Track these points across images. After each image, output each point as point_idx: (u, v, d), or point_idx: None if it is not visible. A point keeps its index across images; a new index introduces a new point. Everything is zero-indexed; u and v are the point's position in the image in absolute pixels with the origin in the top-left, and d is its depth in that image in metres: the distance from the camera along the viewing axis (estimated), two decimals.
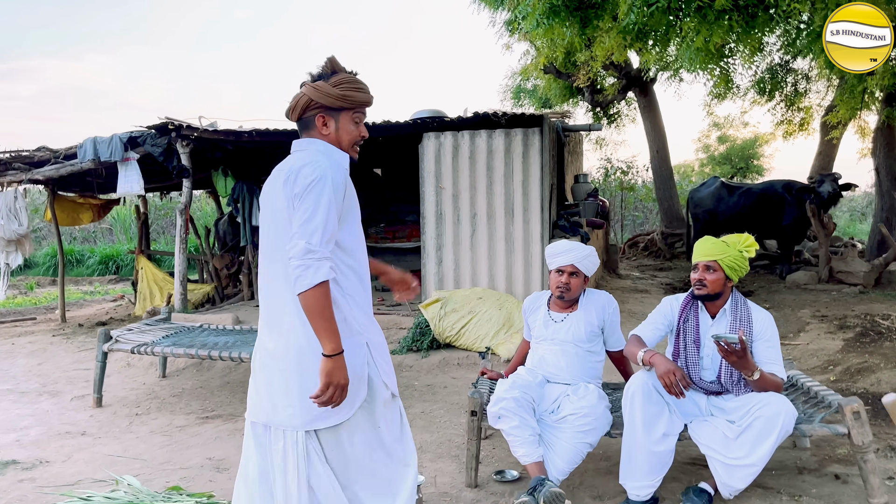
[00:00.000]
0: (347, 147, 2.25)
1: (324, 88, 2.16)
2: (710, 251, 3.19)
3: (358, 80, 2.22)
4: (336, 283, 2.11)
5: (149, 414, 4.99)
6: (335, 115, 2.20)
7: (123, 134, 7.60)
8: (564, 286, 3.54)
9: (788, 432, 2.99)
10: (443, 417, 4.61)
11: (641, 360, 3.13)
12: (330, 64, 2.21)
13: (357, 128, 2.25)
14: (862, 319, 6.36)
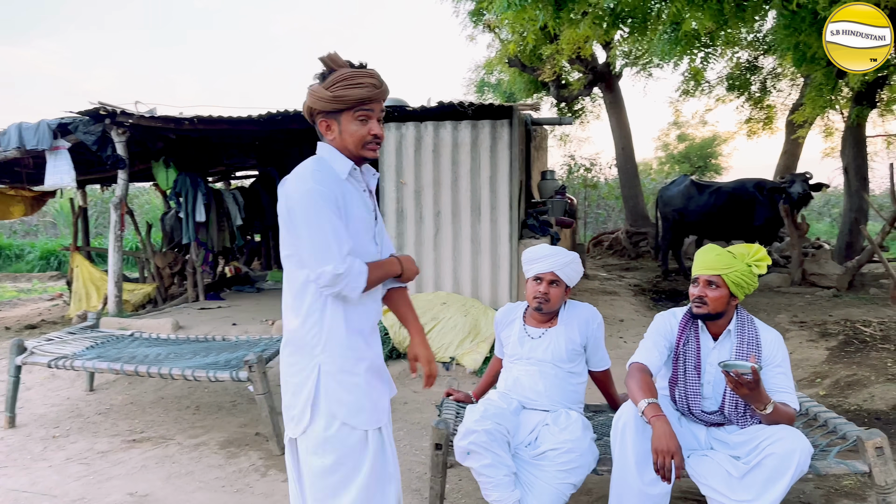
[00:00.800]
0: (356, 149, 2.05)
1: (318, 92, 2.01)
2: (713, 264, 2.75)
3: (355, 75, 1.99)
4: (320, 298, 2.04)
5: (68, 436, 4.39)
6: (336, 117, 2.04)
7: (52, 120, 6.91)
8: (543, 297, 3.07)
9: (804, 472, 2.57)
10: (403, 440, 4.12)
11: (643, 412, 2.61)
12: (326, 63, 2.02)
13: (363, 126, 2.03)
14: (843, 326, 6.07)
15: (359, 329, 2.09)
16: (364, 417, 2.08)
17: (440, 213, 6.22)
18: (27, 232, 20.50)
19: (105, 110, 6.43)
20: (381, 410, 2.14)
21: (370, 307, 2.15)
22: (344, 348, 2.06)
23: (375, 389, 2.12)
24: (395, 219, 6.32)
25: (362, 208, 2.07)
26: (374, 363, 2.14)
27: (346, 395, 2.06)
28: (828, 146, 14.30)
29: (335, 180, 2.01)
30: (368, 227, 2.10)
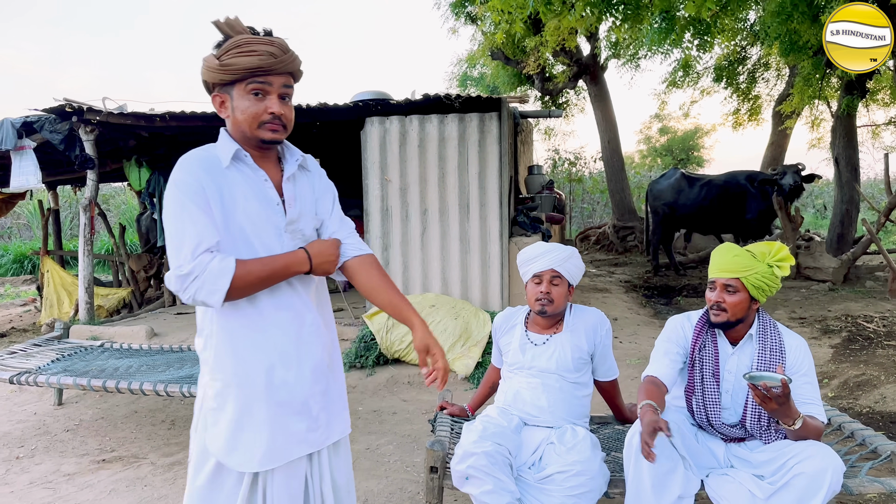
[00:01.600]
0: (250, 128, 1.73)
1: (208, 61, 1.72)
2: (731, 266, 2.50)
3: (249, 41, 1.68)
4: (209, 312, 1.77)
5: (33, 457, 4.08)
6: (229, 90, 1.74)
7: (17, 119, 6.55)
8: (546, 297, 2.81)
9: (836, 492, 2.34)
10: (392, 455, 3.86)
11: (640, 407, 2.39)
12: (222, 28, 1.72)
13: (258, 102, 1.72)
14: (844, 322, 5.89)
15: (253, 348, 1.75)
16: (238, 457, 1.75)
17: (427, 210, 5.95)
18: (0, 235, 19.95)
19: (71, 107, 6.09)
20: (274, 450, 1.77)
21: (273, 318, 1.77)
22: (227, 373, 1.76)
23: (266, 424, 1.76)
24: (380, 217, 6.04)
25: (254, 200, 1.74)
26: (270, 391, 1.77)
27: (216, 427, 1.77)
28: (814, 137, 14.21)
29: (209, 169, 1.70)
30: (267, 220, 1.76)
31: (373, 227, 6.06)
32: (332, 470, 1.90)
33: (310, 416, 1.82)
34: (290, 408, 1.79)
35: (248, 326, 1.75)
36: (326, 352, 1.88)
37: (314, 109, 5.94)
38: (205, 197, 1.66)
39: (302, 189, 1.87)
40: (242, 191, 1.73)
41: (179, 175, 1.68)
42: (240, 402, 1.75)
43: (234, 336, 1.75)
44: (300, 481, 1.82)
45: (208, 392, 1.80)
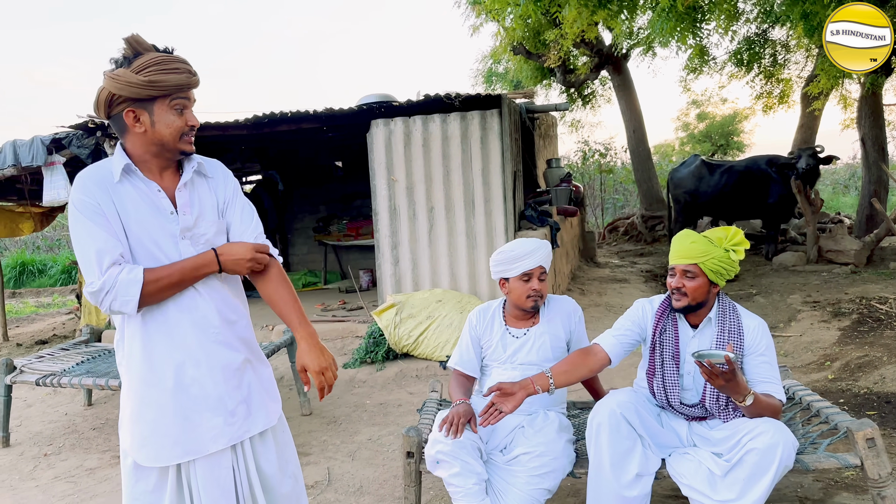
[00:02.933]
0: (173, 141, 1.85)
1: (124, 77, 1.76)
2: (689, 252, 2.57)
3: (169, 59, 1.79)
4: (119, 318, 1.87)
5: (60, 454, 4.36)
6: (148, 106, 1.80)
7: (46, 136, 6.90)
8: (537, 294, 2.90)
9: (789, 467, 2.41)
10: (392, 445, 4.02)
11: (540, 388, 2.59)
12: (132, 45, 1.79)
13: (181, 116, 1.84)
14: (857, 304, 5.83)
15: (163, 348, 1.85)
16: (147, 452, 1.85)
17: (433, 208, 6.09)
18: (50, 247, 20.78)
19: (94, 123, 6.40)
20: (187, 444, 1.87)
21: (177, 319, 1.86)
22: (136, 372, 1.86)
23: (177, 420, 1.86)
24: (389, 216, 6.21)
25: (146, 211, 1.83)
26: (179, 389, 1.86)
27: (128, 425, 1.88)
28: (847, 117, 13.88)
29: (101, 184, 1.79)
30: (162, 229, 1.85)
31: (382, 226, 6.23)
32: (258, 458, 2.00)
33: (226, 411, 1.90)
34: (204, 403, 1.88)
35: (156, 329, 1.85)
36: (238, 350, 1.97)
37: (322, 115, 6.14)
38: (101, 212, 1.76)
39: (200, 195, 1.93)
40: (134, 203, 1.82)
41: (75, 195, 1.79)
42: (148, 399, 1.86)
43: (144, 338, 1.85)
44: (227, 472, 1.92)
45: (122, 392, 1.94)
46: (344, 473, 3.65)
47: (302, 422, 4.55)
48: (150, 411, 1.86)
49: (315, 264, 10.16)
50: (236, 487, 1.95)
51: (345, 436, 4.24)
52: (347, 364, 5.52)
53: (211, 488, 1.88)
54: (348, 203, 10.03)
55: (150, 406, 1.86)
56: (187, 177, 1.91)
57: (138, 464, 1.88)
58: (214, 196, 1.97)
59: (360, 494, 3.37)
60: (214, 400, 1.90)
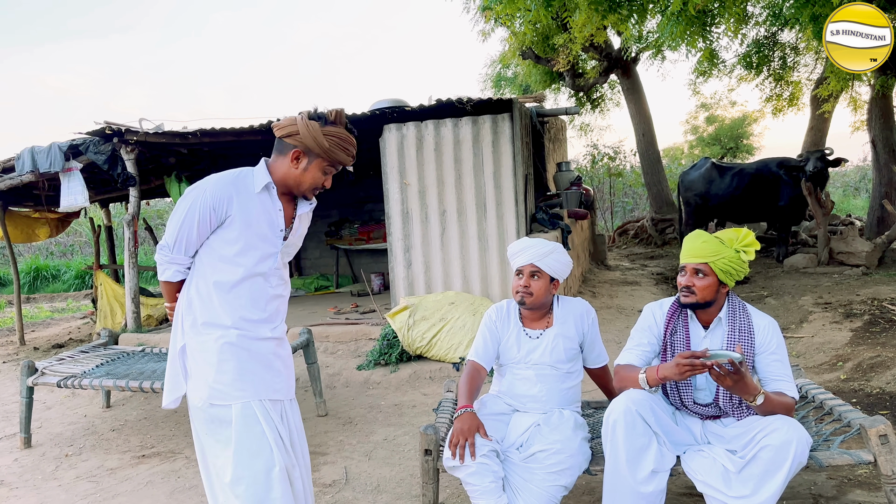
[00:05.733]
0: (306, 189, 2.30)
1: (314, 131, 2.19)
2: (700, 251, 2.62)
3: (348, 140, 2.25)
4: (193, 290, 2.30)
5: (80, 455, 4.43)
6: (311, 157, 2.24)
7: (63, 143, 7.00)
8: (524, 290, 2.94)
9: (802, 463, 2.45)
10: (407, 445, 4.07)
11: (648, 384, 2.60)
12: (335, 115, 2.24)
13: (323, 177, 2.29)
14: (869, 305, 5.84)
15: (234, 323, 2.29)
16: (206, 393, 2.26)
17: (445, 211, 6.15)
18: (63, 252, 20.96)
19: (111, 129, 6.50)
20: (250, 386, 2.27)
21: (233, 309, 2.29)
22: (230, 336, 2.28)
23: (239, 366, 2.26)
24: (401, 220, 6.27)
25: (265, 223, 2.28)
26: (236, 341, 2.27)
27: (200, 373, 2.27)
28: (857, 119, 13.86)
29: (240, 187, 2.24)
30: (270, 240, 2.31)
31: (394, 230, 6.29)
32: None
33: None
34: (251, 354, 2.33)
35: (222, 306, 2.33)
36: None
37: None
38: (210, 210, 2.21)
39: (303, 224, 2.45)
40: (258, 213, 2.26)
41: (217, 190, 2.21)
42: (207, 348, 2.33)
43: (215, 310, 2.33)
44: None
45: (185, 345, 2.38)
46: (361, 473, 3.70)
47: (318, 422, 4.61)
48: (214, 366, 2.33)
49: (327, 268, 10.24)
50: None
51: (361, 436, 4.30)
52: (361, 366, 5.58)
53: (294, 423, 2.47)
54: (360, 207, 10.11)
55: (214, 363, 2.33)
56: (303, 210, 2.40)
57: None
58: (306, 228, 2.50)
59: (377, 493, 3.43)
60: (266, 361, 2.38)
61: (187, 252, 2.29)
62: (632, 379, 2.66)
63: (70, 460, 4.34)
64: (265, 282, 2.32)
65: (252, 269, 2.27)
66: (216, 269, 2.27)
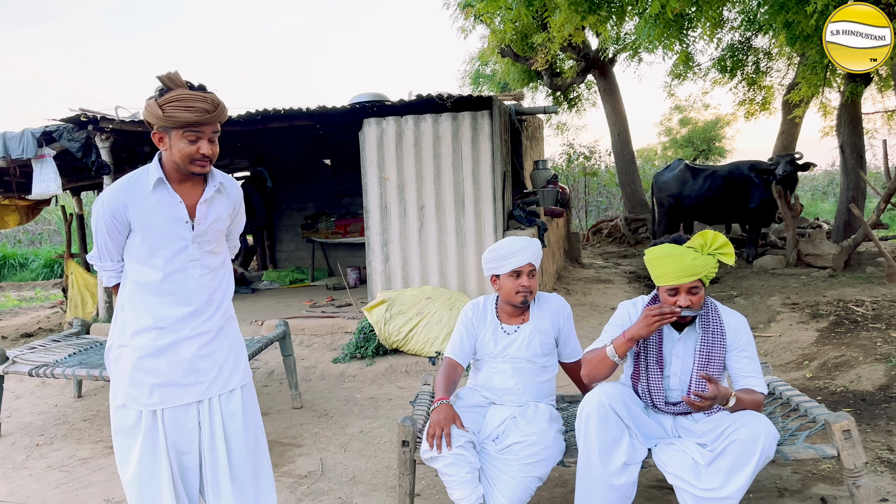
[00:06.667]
0: (184, 164, 2.18)
1: (152, 108, 2.13)
2: (692, 270, 2.58)
3: (188, 98, 2.10)
4: (123, 289, 2.33)
5: (51, 444, 4.39)
6: (168, 132, 2.15)
7: (36, 129, 6.90)
8: (526, 290, 3.00)
9: (770, 457, 2.53)
10: (383, 438, 4.10)
11: (616, 353, 2.65)
12: (165, 81, 2.14)
13: (192, 146, 2.15)
14: (835, 306, 6.00)
15: (155, 320, 2.28)
16: (135, 396, 2.27)
17: (424, 207, 6.18)
18: (31, 241, 20.61)
19: (87, 117, 6.42)
20: (156, 394, 2.27)
21: (156, 306, 2.29)
22: (157, 333, 2.28)
23: (147, 373, 2.26)
24: (379, 214, 6.29)
25: (164, 220, 2.22)
26: (148, 350, 2.26)
27: (128, 376, 2.28)
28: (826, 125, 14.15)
29: (132, 192, 2.21)
30: (176, 235, 2.25)
31: (372, 224, 6.31)
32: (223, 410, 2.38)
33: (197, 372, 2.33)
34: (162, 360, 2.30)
35: (146, 303, 2.33)
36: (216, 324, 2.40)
37: (314, 113, 6.21)
38: (111, 217, 2.21)
39: (216, 208, 2.33)
40: (155, 212, 2.22)
41: (113, 197, 2.21)
42: (142, 353, 2.31)
43: (139, 308, 2.32)
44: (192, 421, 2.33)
45: (121, 349, 2.36)
46: (337, 464, 3.73)
47: (293, 414, 4.62)
48: (146, 368, 2.34)
49: (302, 261, 10.21)
50: (201, 433, 2.35)
51: (336, 428, 4.32)
52: (337, 359, 5.59)
53: (172, 430, 2.34)
54: (337, 201, 10.10)
55: (147, 366, 2.34)
56: (208, 194, 2.29)
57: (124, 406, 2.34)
58: (229, 209, 2.39)
59: (353, 484, 3.46)
60: (177, 364, 2.35)
61: (112, 258, 2.31)
62: (598, 356, 2.70)
63: (41, 450, 4.30)
64: (185, 275, 2.28)
65: (166, 268, 2.26)
66: (135, 270, 2.29)
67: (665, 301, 2.67)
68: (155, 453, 2.26)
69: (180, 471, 2.31)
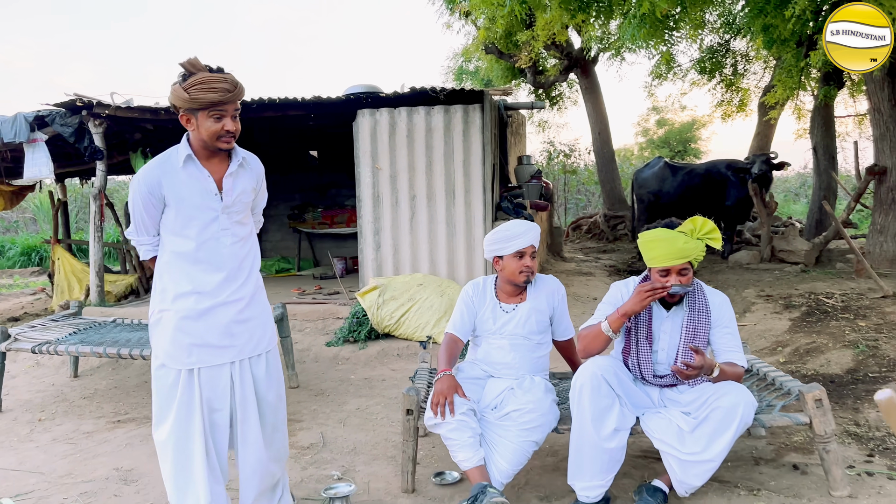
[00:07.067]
0: (211, 141, 2.40)
1: (177, 92, 2.34)
2: (683, 252, 2.80)
3: (210, 80, 2.31)
4: (161, 260, 2.53)
5: (54, 419, 4.50)
6: (194, 113, 2.37)
7: (29, 113, 6.94)
8: (528, 270, 3.18)
9: (748, 424, 2.76)
10: (379, 414, 4.28)
11: (611, 327, 2.87)
12: (187, 66, 2.35)
13: (218, 123, 2.37)
14: (806, 298, 6.29)
15: (194, 287, 2.48)
16: (174, 356, 2.47)
17: (415, 197, 6.36)
18: (7, 228, 20.40)
19: (82, 102, 6.49)
20: (194, 354, 2.47)
21: (193, 275, 2.48)
22: (196, 298, 2.48)
23: (186, 334, 2.46)
24: (372, 203, 6.45)
25: (196, 193, 2.44)
26: (188, 313, 2.46)
27: (168, 337, 2.48)
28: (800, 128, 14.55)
29: (165, 168, 2.43)
30: (207, 207, 2.47)
31: (365, 213, 6.47)
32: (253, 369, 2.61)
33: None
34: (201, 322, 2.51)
35: (183, 272, 2.53)
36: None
37: (309, 103, 6.35)
38: (147, 193, 2.42)
39: (241, 181, 2.54)
40: (186, 186, 2.43)
41: (147, 176, 2.42)
42: (182, 316, 2.52)
43: (177, 277, 2.53)
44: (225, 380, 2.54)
45: (162, 313, 2.56)
46: (337, 437, 3.90)
47: (291, 393, 4.77)
48: (184, 331, 2.55)
49: (288, 251, 10.31)
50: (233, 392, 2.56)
51: (333, 406, 4.49)
52: (331, 342, 5.75)
53: (208, 388, 2.54)
54: (323, 192, 10.22)
55: (184, 328, 2.55)
56: (233, 168, 2.51)
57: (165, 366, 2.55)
58: (253, 182, 2.61)
59: (354, 454, 3.63)
60: (214, 327, 2.56)
61: (148, 232, 2.52)
62: (594, 332, 2.92)
63: (44, 424, 4.41)
64: (217, 243, 2.49)
65: (199, 237, 2.46)
66: (172, 241, 2.49)
67: (656, 282, 2.88)
68: (190, 411, 2.45)
69: (211, 428, 2.49)
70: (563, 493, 2.99)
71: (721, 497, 2.90)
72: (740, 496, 2.90)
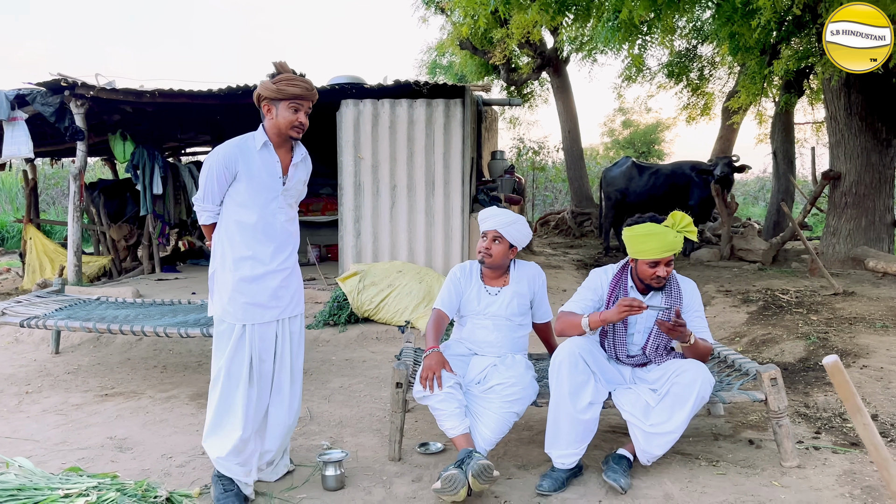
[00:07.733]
0: (285, 129, 2.83)
1: (266, 84, 2.79)
2: (671, 245, 3.08)
3: (295, 79, 2.77)
4: (223, 227, 2.92)
5: (41, 392, 4.59)
6: (276, 104, 2.80)
7: (10, 91, 6.95)
8: (485, 251, 3.41)
9: (705, 399, 3.03)
10: (363, 392, 4.48)
11: (589, 326, 3.11)
12: (279, 66, 2.84)
13: (295, 115, 2.80)
14: (763, 294, 6.65)
15: (253, 254, 2.89)
16: (228, 311, 2.88)
17: (396, 186, 6.55)
18: None
19: (66, 82, 6.53)
20: (248, 311, 2.88)
21: (252, 243, 2.88)
22: (252, 264, 2.90)
23: (242, 294, 2.86)
24: (353, 192, 6.62)
25: (266, 173, 2.86)
26: (245, 276, 2.87)
27: (225, 293, 2.89)
28: (761, 132, 15.12)
29: (243, 148, 2.83)
30: (271, 187, 2.88)
31: (346, 201, 6.64)
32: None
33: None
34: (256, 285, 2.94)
35: (242, 240, 2.95)
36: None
37: None
38: (223, 167, 2.82)
39: (299, 172, 2.99)
40: (259, 166, 2.85)
41: (228, 150, 2.82)
42: (238, 277, 2.94)
43: (236, 243, 2.93)
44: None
45: (214, 272, 2.99)
46: (323, 412, 4.09)
47: None
48: (238, 289, 2.95)
49: None
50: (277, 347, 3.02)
51: (317, 384, 4.67)
52: (311, 325, 5.92)
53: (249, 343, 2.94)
54: None
55: (236, 287, 2.95)
56: (298, 159, 2.96)
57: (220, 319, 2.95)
58: (305, 175, 3.06)
59: (341, 427, 3.83)
60: (267, 289, 2.99)
61: (214, 201, 2.90)
62: (574, 323, 3.16)
63: (31, 396, 4.50)
64: (273, 217, 2.91)
65: (261, 212, 2.87)
66: (236, 212, 2.88)
67: (644, 272, 3.16)
68: (240, 358, 2.88)
69: (259, 376, 2.91)
70: (538, 462, 3.24)
71: (684, 468, 3.17)
72: (701, 466, 3.18)
